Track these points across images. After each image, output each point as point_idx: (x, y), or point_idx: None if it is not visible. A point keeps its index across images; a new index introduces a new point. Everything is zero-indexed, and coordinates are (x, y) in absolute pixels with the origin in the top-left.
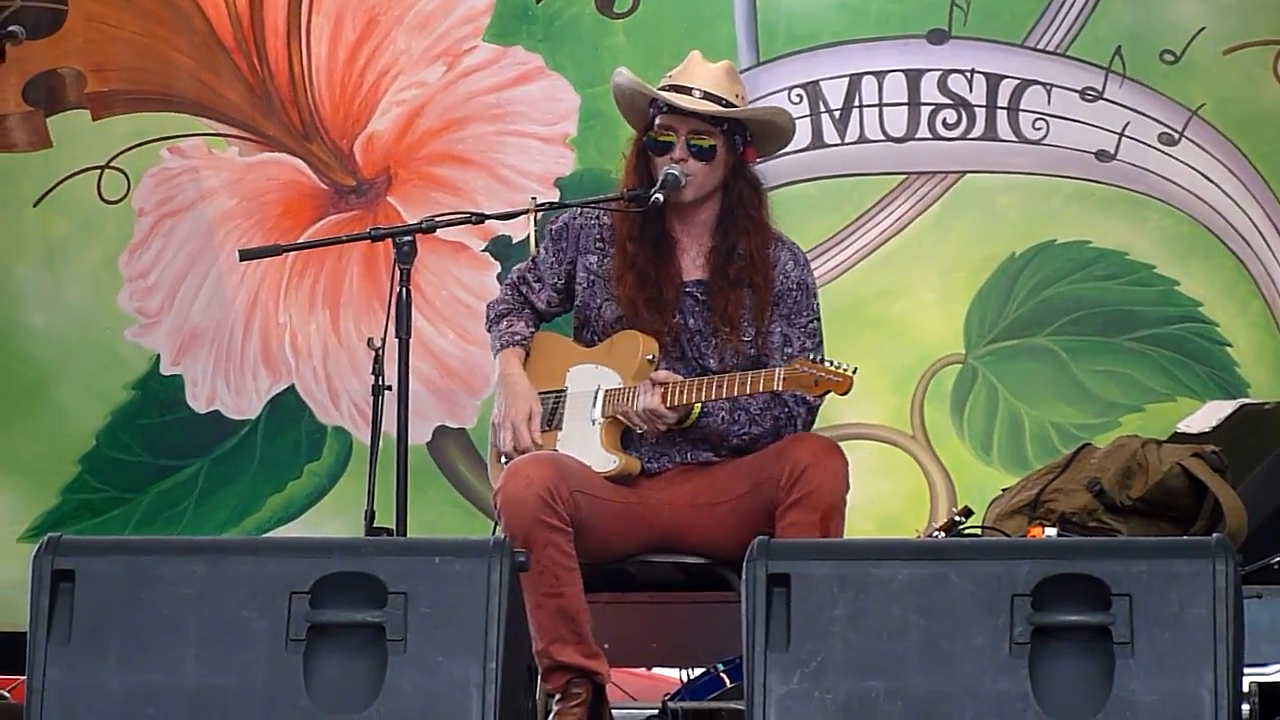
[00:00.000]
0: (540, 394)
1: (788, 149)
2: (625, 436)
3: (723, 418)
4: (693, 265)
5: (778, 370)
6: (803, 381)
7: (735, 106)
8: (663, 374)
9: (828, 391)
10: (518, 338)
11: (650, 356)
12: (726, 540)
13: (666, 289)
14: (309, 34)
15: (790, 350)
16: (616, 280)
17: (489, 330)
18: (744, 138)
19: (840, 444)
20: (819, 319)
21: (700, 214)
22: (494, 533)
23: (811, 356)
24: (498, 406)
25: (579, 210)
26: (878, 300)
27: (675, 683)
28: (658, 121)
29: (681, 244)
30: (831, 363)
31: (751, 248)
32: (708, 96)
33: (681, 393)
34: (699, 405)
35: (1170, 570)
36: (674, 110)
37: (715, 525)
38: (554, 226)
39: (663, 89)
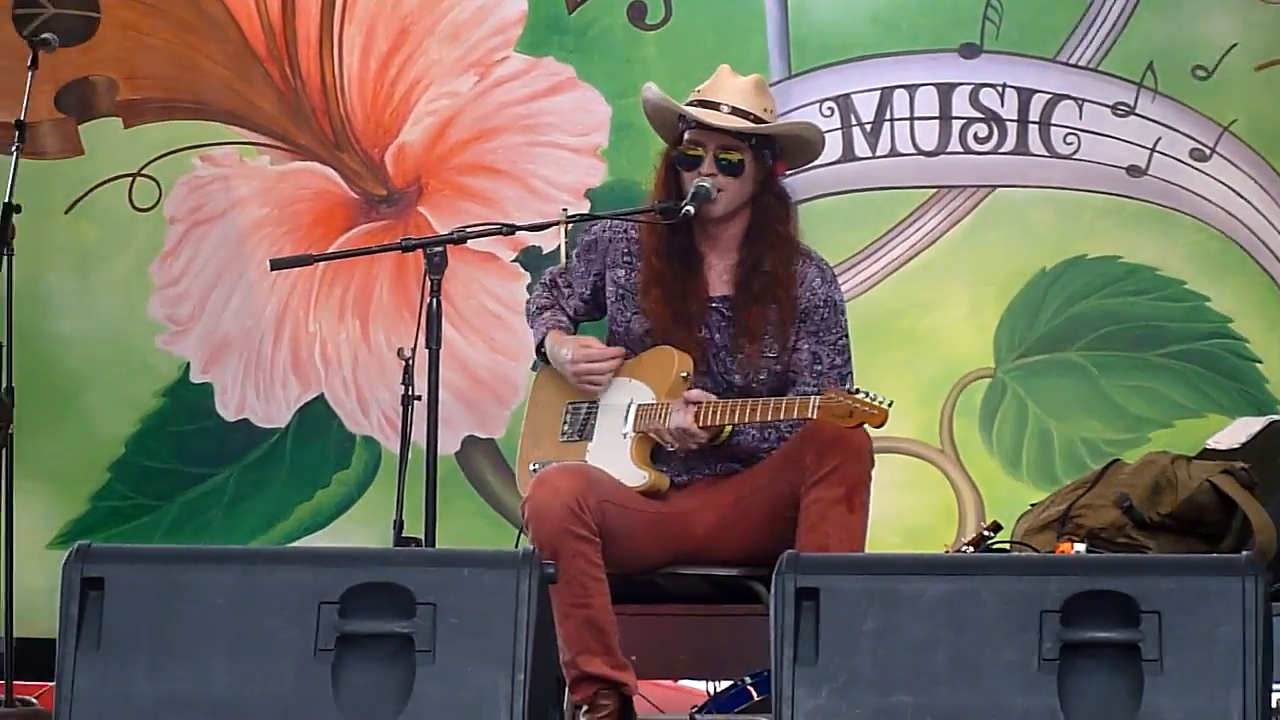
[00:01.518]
0: (572, 403)
1: (819, 162)
2: (655, 452)
3: (753, 435)
4: (718, 280)
5: (813, 399)
6: (837, 411)
7: (764, 121)
8: (696, 393)
9: (862, 423)
10: (561, 324)
11: (685, 374)
12: (754, 535)
13: (692, 304)
14: (341, 44)
15: (820, 368)
16: (644, 294)
17: (531, 323)
18: (773, 151)
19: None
20: (848, 335)
21: (727, 229)
22: (518, 542)
23: (842, 373)
24: (565, 365)
25: (609, 223)
26: (908, 314)
27: (703, 695)
28: (686, 136)
29: (708, 259)
30: (867, 394)
31: (777, 263)
32: (736, 112)
33: (715, 413)
34: (730, 425)
35: (1200, 588)
36: (702, 126)
37: (741, 521)
38: (586, 238)
39: (691, 104)
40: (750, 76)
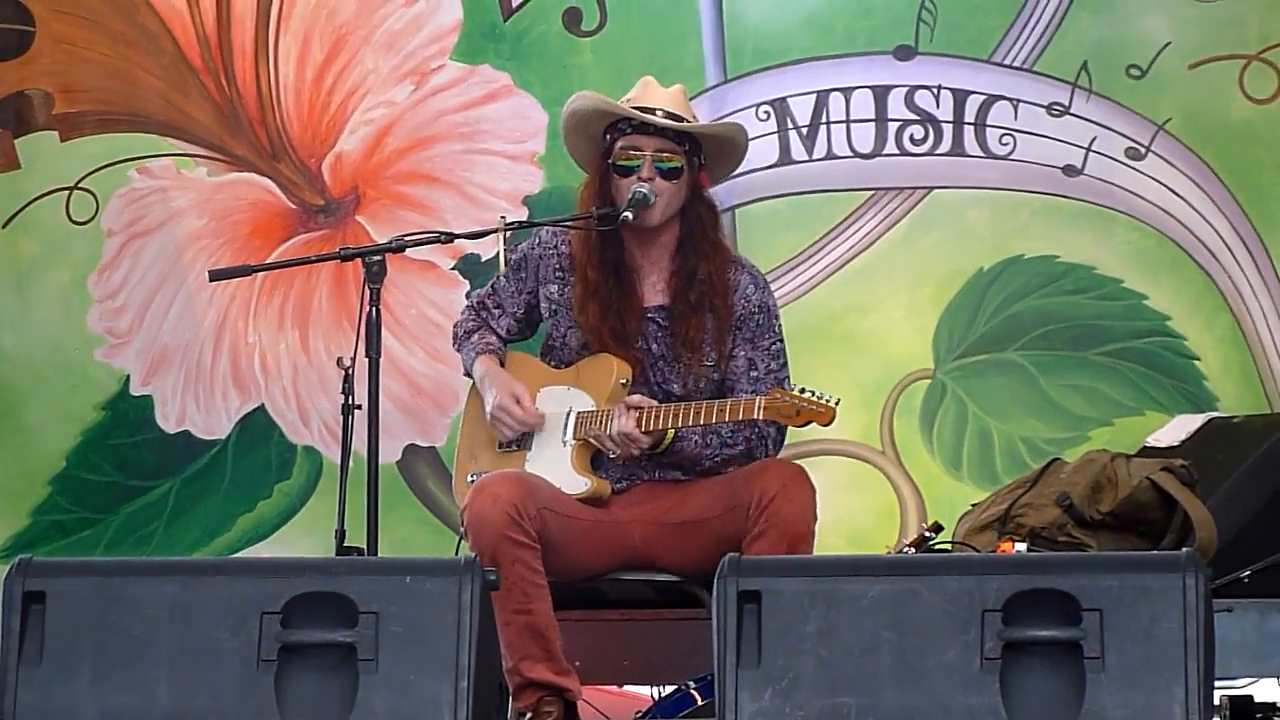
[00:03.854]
0: None
1: (756, 165)
2: (595, 459)
3: (695, 441)
4: (653, 291)
5: (758, 399)
6: (784, 411)
7: None
8: (637, 398)
9: (809, 422)
10: (491, 346)
11: (624, 380)
12: (696, 560)
13: (628, 319)
14: (276, 54)
15: (756, 374)
16: (580, 309)
17: (458, 348)
18: (700, 159)
19: (809, 460)
20: (782, 340)
21: (660, 237)
22: (458, 550)
23: (779, 378)
24: (486, 404)
25: (537, 240)
26: (846, 316)
27: (647, 700)
28: (620, 143)
29: (642, 269)
30: (812, 392)
31: (711, 271)
32: (670, 117)
33: (657, 418)
34: (673, 430)
35: (1141, 584)
36: (639, 131)
37: (685, 545)
38: (514, 257)
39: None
40: (675, 87)
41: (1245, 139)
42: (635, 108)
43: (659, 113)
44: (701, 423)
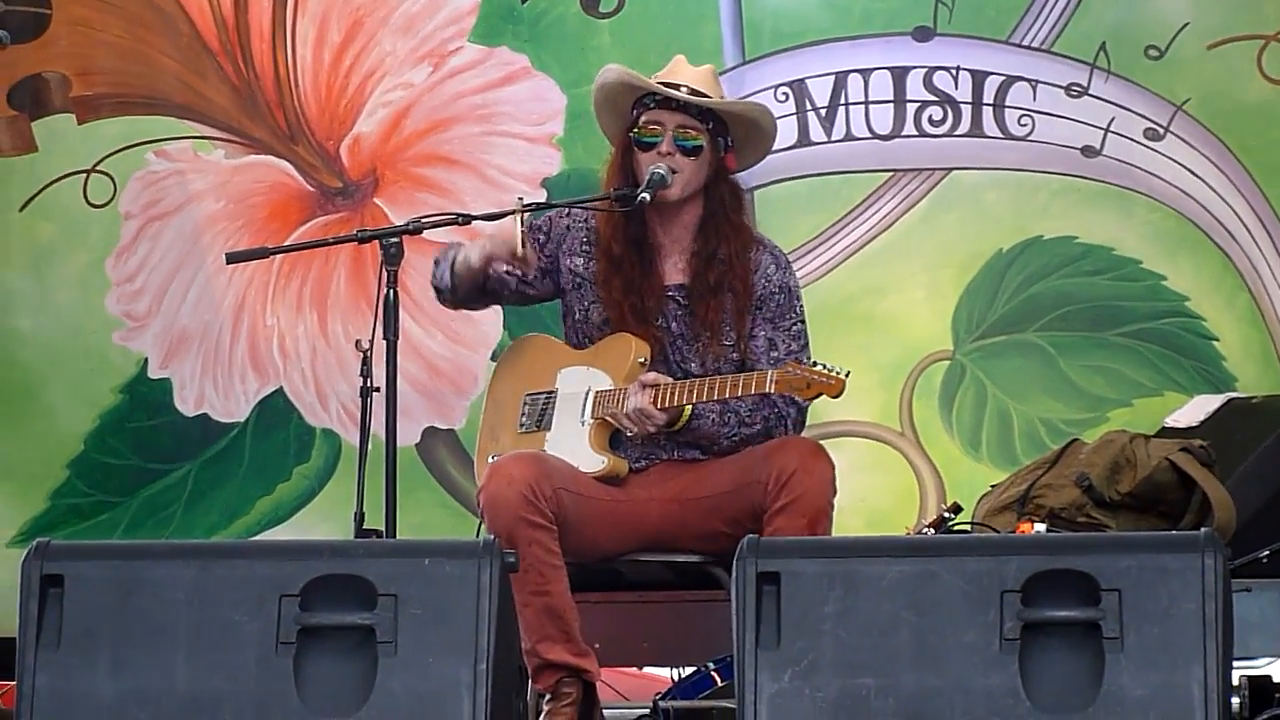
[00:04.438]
0: (530, 394)
1: (774, 147)
2: (614, 438)
3: (713, 420)
4: (674, 270)
5: (770, 373)
6: (794, 384)
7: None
8: (653, 375)
9: (820, 394)
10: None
11: (642, 359)
12: (711, 537)
13: (648, 296)
14: (294, 36)
15: (777, 354)
16: (603, 284)
17: (436, 264)
18: (726, 141)
19: (829, 441)
20: (804, 321)
21: (683, 216)
22: (478, 532)
23: (799, 358)
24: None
25: (567, 211)
26: (865, 297)
27: (666, 682)
28: (643, 118)
29: (664, 248)
30: (824, 365)
31: (732, 252)
32: (694, 93)
33: (672, 395)
34: (689, 408)
35: (1160, 565)
36: (662, 106)
37: (699, 521)
38: (536, 221)
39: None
40: (705, 66)
41: (1264, 119)
42: (661, 83)
43: (683, 88)
44: (715, 397)
